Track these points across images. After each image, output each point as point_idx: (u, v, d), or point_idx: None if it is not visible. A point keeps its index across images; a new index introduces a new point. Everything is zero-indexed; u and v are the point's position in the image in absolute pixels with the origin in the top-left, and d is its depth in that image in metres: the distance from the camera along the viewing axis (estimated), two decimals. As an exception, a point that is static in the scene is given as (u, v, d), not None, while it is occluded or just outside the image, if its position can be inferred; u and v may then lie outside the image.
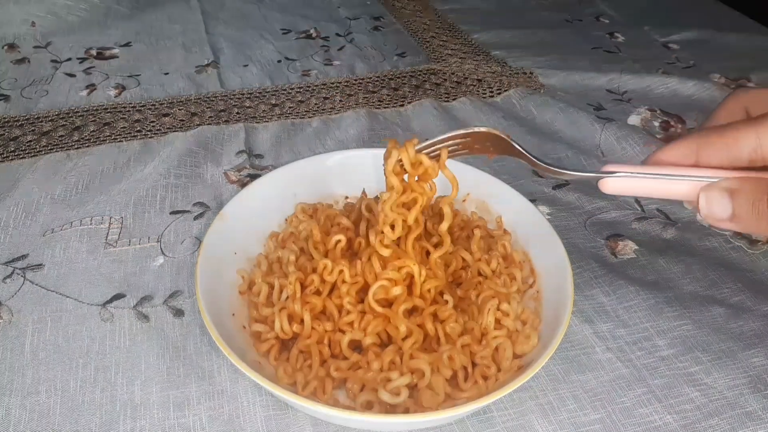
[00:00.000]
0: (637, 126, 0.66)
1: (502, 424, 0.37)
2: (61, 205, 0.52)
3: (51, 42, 0.81)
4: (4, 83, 0.71)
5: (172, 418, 0.37)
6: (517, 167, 0.59)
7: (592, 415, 0.38)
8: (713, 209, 0.30)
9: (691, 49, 0.83)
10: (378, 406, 0.36)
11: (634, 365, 0.41)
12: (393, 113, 0.68)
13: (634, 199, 0.55)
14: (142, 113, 0.66)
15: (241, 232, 0.45)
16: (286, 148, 0.61)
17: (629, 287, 0.46)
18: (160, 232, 0.50)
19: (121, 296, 0.45)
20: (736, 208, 0.29)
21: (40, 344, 0.41)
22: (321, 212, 0.47)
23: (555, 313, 0.39)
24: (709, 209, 0.30)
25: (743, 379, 0.40)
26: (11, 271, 0.46)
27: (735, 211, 0.29)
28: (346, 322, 0.39)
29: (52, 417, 0.37)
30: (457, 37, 0.86)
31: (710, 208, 0.30)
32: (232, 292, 0.42)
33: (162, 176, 0.55)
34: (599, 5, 0.96)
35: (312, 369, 0.38)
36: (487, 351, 0.38)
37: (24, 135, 0.62)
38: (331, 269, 0.41)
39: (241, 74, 0.75)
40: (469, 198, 0.50)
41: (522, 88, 0.72)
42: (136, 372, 0.40)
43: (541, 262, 0.44)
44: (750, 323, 0.44)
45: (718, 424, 0.38)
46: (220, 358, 0.40)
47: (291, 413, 0.38)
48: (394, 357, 0.38)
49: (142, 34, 0.84)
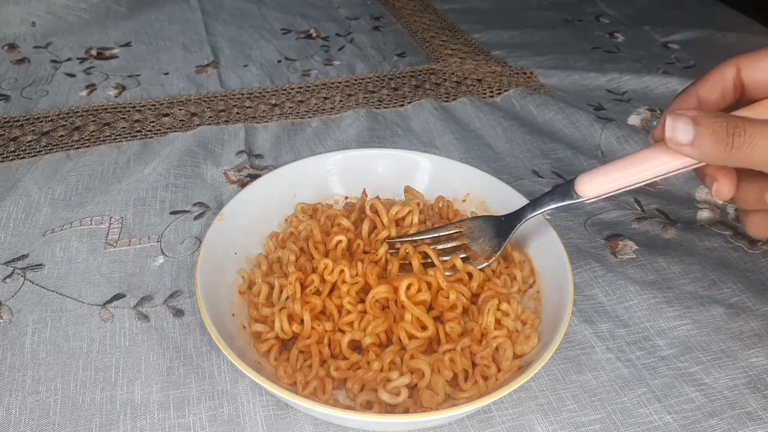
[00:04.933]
0: (637, 126, 0.66)
1: (502, 424, 0.38)
2: (61, 205, 0.52)
3: (51, 42, 0.81)
4: (4, 83, 0.71)
5: (172, 418, 0.37)
6: (517, 167, 0.59)
7: (592, 415, 0.38)
8: (677, 134, 0.33)
9: (691, 49, 0.83)
10: (378, 406, 0.36)
11: (634, 365, 0.41)
12: (393, 113, 0.68)
13: (633, 198, 0.55)
14: (142, 113, 0.66)
15: (241, 232, 0.45)
16: (286, 148, 0.61)
17: (629, 287, 0.46)
18: (160, 232, 0.50)
19: (121, 296, 0.45)
20: (696, 134, 0.32)
21: (40, 344, 0.41)
22: (321, 212, 0.47)
23: (555, 313, 0.39)
24: (674, 133, 0.33)
25: (743, 379, 0.40)
26: (11, 271, 0.46)
27: (696, 136, 0.32)
28: (346, 322, 0.39)
29: (52, 417, 0.37)
30: (457, 37, 0.86)
31: (674, 132, 0.33)
32: (232, 292, 0.42)
33: (162, 176, 0.55)
34: (599, 5, 0.96)
35: (312, 369, 0.38)
36: (487, 351, 0.38)
37: (24, 135, 0.62)
38: (331, 269, 0.41)
39: (241, 74, 0.75)
40: (469, 198, 0.50)
41: (522, 88, 0.72)
42: (136, 372, 0.40)
43: (541, 262, 0.44)
44: (750, 323, 0.44)
45: (718, 424, 0.38)
46: (220, 358, 0.40)
47: (291, 413, 0.38)
48: (395, 357, 0.38)
49: (142, 34, 0.84)
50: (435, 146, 0.62)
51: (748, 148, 0.31)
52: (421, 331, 0.39)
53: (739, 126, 0.31)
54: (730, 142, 0.31)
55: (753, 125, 0.31)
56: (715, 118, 0.32)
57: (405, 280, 0.39)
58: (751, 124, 0.31)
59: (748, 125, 0.31)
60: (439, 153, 0.60)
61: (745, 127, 0.31)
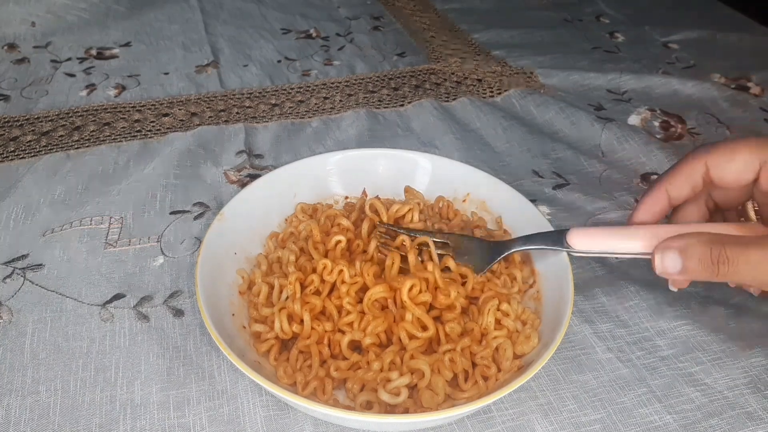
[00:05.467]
0: (637, 126, 0.66)
1: (502, 424, 0.37)
2: (61, 205, 0.52)
3: (51, 42, 0.81)
4: (4, 83, 0.71)
5: (172, 418, 0.37)
6: (517, 167, 0.59)
7: (592, 415, 0.38)
8: (666, 266, 0.35)
9: (691, 49, 0.83)
10: (378, 406, 0.36)
11: (634, 365, 0.41)
12: (393, 113, 0.68)
13: (633, 198, 0.55)
14: (142, 113, 0.66)
15: (241, 232, 0.45)
16: (286, 148, 0.61)
17: (629, 287, 0.46)
18: (160, 232, 0.50)
19: (121, 296, 0.45)
20: (685, 264, 0.35)
21: (40, 344, 0.41)
22: (321, 212, 0.47)
23: (555, 313, 0.39)
24: (663, 266, 0.36)
25: (743, 379, 0.40)
26: (11, 271, 0.46)
27: (685, 267, 0.35)
28: (345, 322, 0.39)
29: (52, 417, 0.37)
30: (457, 37, 0.86)
31: (664, 265, 0.35)
32: (232, 292, 0.42)
33: (162, 176, 0.55)
34: (599, 5, 0.96)
35: (312, 369, 0.38)
36: (487, 351, 0.38)
37: (24, 135, 0.62)
38: (331, 269, 0.41)
39: (241, 74, 0.75)
40: (469, 198, 0.50)
41: (522, 88, 0.72)
42: (136, 372, 0.40)
43: (541, 262, 0.44)
44: (750, 323, 0.44)
45: (718, 424, 0.38)
46: (220, 358, 0.40)
47: (291, 413, 0.38)
48: (395, 357, 0.38)
49: (141, 34, 0.84)
50: (435, 146, 0.62)
51: (732, 273, 0.34)
52: (421, 332, 0.39)
53: (722, 254, 0.34)
54: (715, 269, 0.34)
55: (735, 251, 0.34)
56: (700, 245, 0.34)
57: (408, 282, 0.39)
58: (733, 250, 0.34)
59: (731, 252, 0.34)
60: (439, 153, 0.60)
61: (728, 254, 0.34)
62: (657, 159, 0.60)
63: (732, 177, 0.38)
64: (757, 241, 0.34)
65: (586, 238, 0.39)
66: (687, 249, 0.35)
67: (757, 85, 0.74)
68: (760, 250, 0.33)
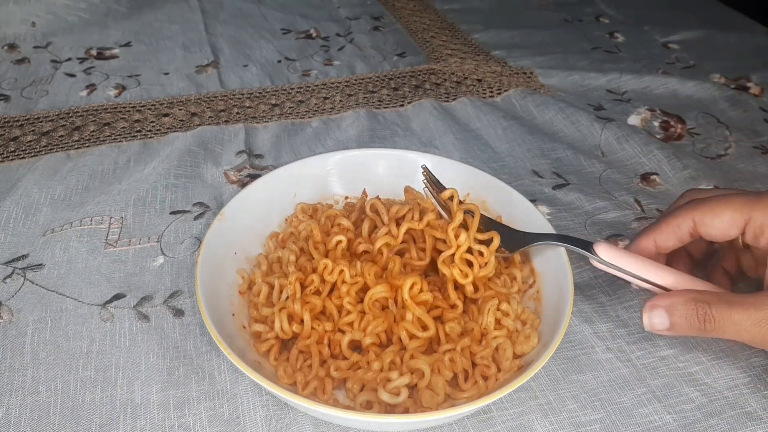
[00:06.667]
0: (637, 126, 0.66)
1: (502, 424, 0.38)
2: (61, 205, 0.52)
3: (51, 42, 0.81)
4: (4, 83, 0.71)
5: (172, 418, 0.37)
6: (517, 167, 0.59)
7: (592, 415, 0.38)
8: (654, 323, 0.37)
9: (691, 49, 0.83)
10: (378, 406, 0.36)
11: (634, 365, 0.41)
12: (393, 113, 0.68)
13: (633, 198, 0.55)
14: (142, 113, 0.66)
15: (241, 232, 0.45)
16: (286, 148, 0.61)
17: (629, 287, 0.46)
18: (160, 232, 0.50)
19: (121, 296, 0.45)
20: (672, 322, 0.37)
21: (40, 344, 0.41)
22: (321, 212, 0.47)
23: (555, 313, 0.39)
24: (651, 323, 0.37)
25: (743, 379, 0.40)
26: (11, 271, 0.46)
27: (672, 324, 0.37)
28: (346, 322, 0.39)
29: (52, 417, 0.37)
30: (457, 37, 0.86)
31: (651, 322, 0.37)
32: (232, 292, 0.42)
33: (162, 176, 0.55)
34: (599, 5, 0.96)
35: (312, 369, 0.38)
36: (487, 351, 0.38)
37: (24, 135, 0.62)
38: (331, 269, 0.41)
39: (241, 74, 0.75)
40: (469, 198, 0.50)
41: (522, 88, 0.72)
42: (136, 372, 0.40)
43: (541, 262, 0.44)
44: (750, 323, 0.44)
45: (718, 424, 0.38)
46: (220, 358, 0.40)
47: (291, 413, 0.38)
48: (395, 357, 0.38)
49: (141, 34, 0.84)
50: (435, 146, 0.62)
51: (718, 331, 0.36)
52: (422, 331, 0.39)
53: (708, 313, 0.36)
54: (702, 327, 0.36)
55: (720, 310, 0.35)
56: (686, 305, 0.36)
57: (408, 280, 0.39)
58: (718, 309, 0.35)
59: (716, 311, 0.35)
60: (439, 153, 0.60)
61: (713, 314, 0.35)
62: (657, 159, 0.60)
63: (718, 233, 0.40)
64: (742, 301, 0.35)
65: (613, 251, 0.40)
66: (673, 308, 0.36)
67: (757, 85, 0.74)
68: (744, 311, 0.35)
